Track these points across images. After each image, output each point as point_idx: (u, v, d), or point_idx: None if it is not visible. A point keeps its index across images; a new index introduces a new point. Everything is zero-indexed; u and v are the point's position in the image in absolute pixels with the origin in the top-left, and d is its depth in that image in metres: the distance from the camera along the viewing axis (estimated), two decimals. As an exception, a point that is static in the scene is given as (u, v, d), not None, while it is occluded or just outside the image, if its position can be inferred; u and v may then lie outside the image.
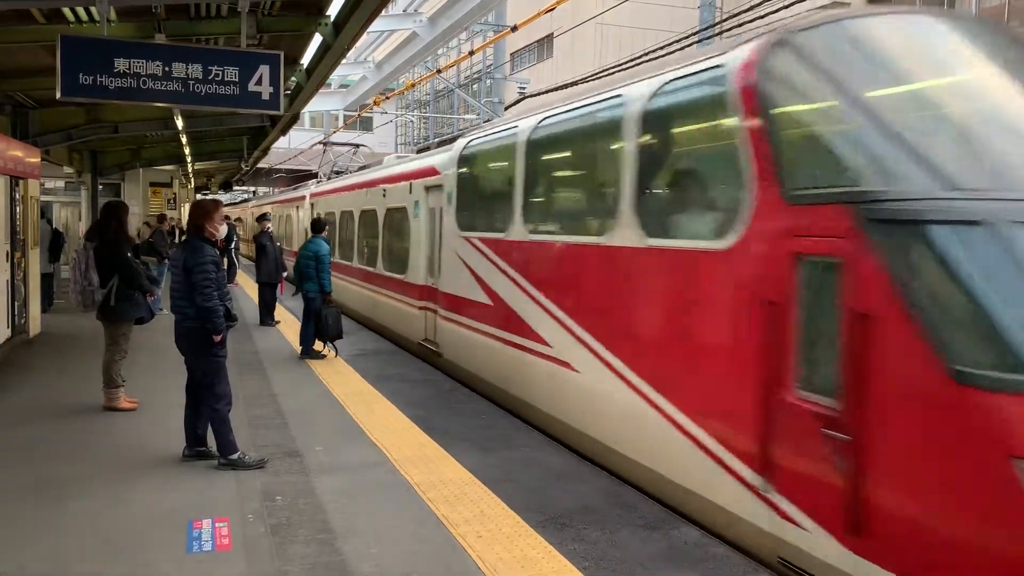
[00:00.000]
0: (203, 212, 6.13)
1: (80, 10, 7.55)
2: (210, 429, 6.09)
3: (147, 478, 5.70)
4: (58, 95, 6.60)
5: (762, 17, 9.21)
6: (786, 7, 9.23)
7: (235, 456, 5.94)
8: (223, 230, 6.44)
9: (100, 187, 18.70)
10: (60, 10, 7.51)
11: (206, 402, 6.03)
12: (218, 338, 5.93)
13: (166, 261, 14.57)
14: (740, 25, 9.38)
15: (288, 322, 13.86)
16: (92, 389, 7.81)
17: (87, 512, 5.04)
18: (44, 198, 15.66)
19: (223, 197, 44.93)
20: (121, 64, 6.63)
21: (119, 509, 5.11)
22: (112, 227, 7.52)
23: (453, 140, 11.45)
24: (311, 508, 5.15)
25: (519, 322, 7.81)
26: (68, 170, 17.81)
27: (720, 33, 12.55)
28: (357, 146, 23.84)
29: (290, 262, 15.10)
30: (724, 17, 11.72)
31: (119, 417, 7.36)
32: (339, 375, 9.50)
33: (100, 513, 5.03)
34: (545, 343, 7.31)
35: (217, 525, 4.82)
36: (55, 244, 14.52)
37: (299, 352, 10.72)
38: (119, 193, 20.66)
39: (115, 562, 4.36)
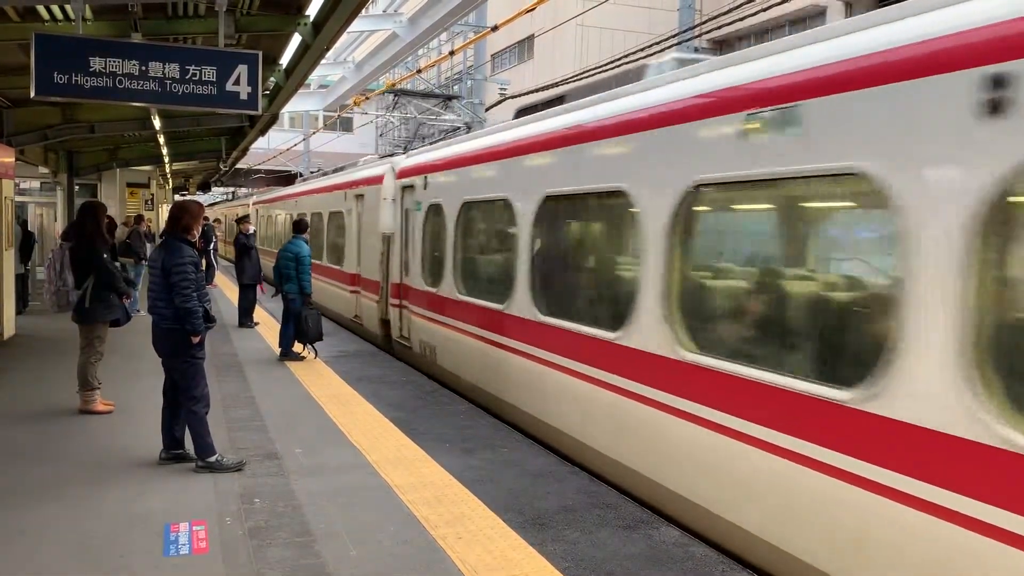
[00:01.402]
0: (191, 215, 6.09)
1: (55, 8, 7.47)
2: (188, 431, 6.04)
3: (123, 481, 5.64)
4: (32, 94, 6.51)
5: (742, 19, 9.28)
6: (764, 10, 9.30)
7: (213, 459, 5.89)
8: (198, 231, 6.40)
9: (76, 187, 18.48)
10: (35, 8, 7.42)
11: (184, 404, 5.97)
12: (196, 339, 5.89)
13: (143, 262, 14.46)
14: (719, 28, 9.43)
15: (267, 324, 13.77)
16: (67, 392, 7.72)
17: (62, 516, 4.98)
18: (19, 198, 15.45)
19: (202, 198, 44.61)
20: (97, 63, 6.55)
21: (95, 513, 5.05)
22: (88, 227, 7.44)
23: None
24: (290, 511, 5.12)
25: None
26: (43, 170, 17.59)
27: (700, 35, 12.62)
28: (449, 97, 17.37)
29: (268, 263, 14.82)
30: (704, 19, 11.78)
31: (95, 420, 7.28)
32: (319, 377, 9.45)
33: (75, 517, 4.97)
34: None
35: (194, 528, 4.78)
36: (26, 245, 14.33)
37: (278, 354, 10.65)
38: (95, 194, 20.44)
39: (91, 566, 4.30)
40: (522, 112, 8.83)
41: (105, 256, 7.40)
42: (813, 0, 24.69)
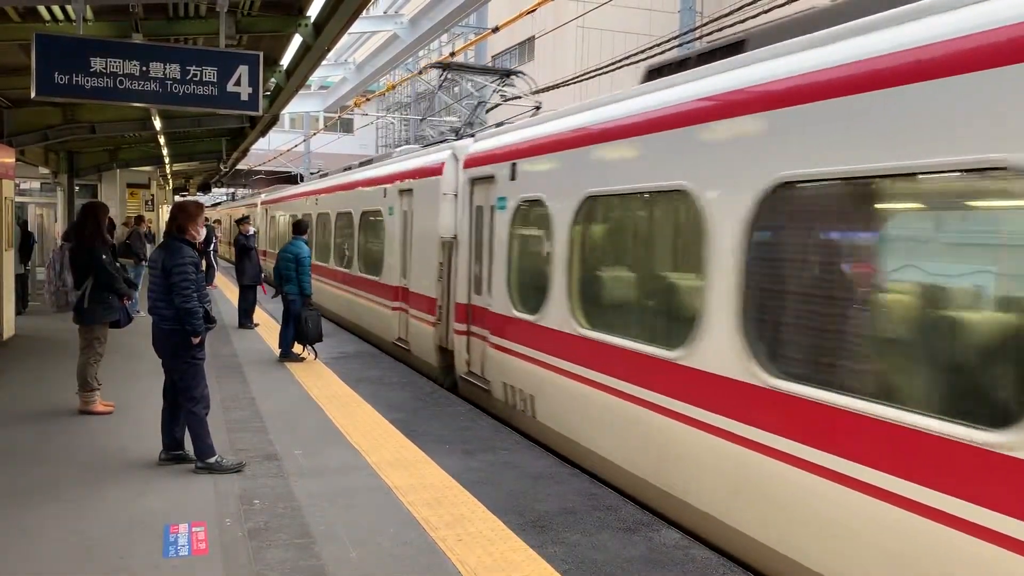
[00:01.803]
0: (187, 215, 6.08)
1: (56, 9, 7.46)
2: (187, 432, 6.03)
3: (123, 482, 5.63)
4: (33, 94, 6.50)
5: (743, 21, 9.28)
6: (766, 11, 9.28)
7: (213, 460, 5.88)
8: (203, 232, 6.38)
9: (76, 188, 18.48)
10: (35, 8, 7.42)
11: (184, 405, 5.96)
12: (196, 340, 5.88)
13: (143, 263, 14.45)
14: (721, 29, 9.43)
15: (267, 325, 13.77)
16: (67, 392, 7.71)
17: (62, 517, 4.97)
18: (19, 199, 15.45)
19: (202, 199, 44.60)
20: (98, 63, 6.54)
21: (94, 514, 5.04)
22: (89, 228, 7.42)
23: None
24: (289, 512, 5.11)
25: None
26: (44, 171, 17.59)
27: (701, 37, 12.61)
28: (509, 73, 12.89)
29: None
30: (704, 21, 11.79)
31: (94, 421, 7.27)
32: (318, 378, 9.45)
33: (75, 518, 4.96)
34: None
35: (194, 529, 4.77)
36: (25, 245, 14.32)
37: (278, 355, 10.64)
38: (96, 194, 20.43)
39: (90, 567, 4.29)
40: (654, 73, 6.54)
41: (105, 257, 7.38)
42: (815, 2, 24.72)
